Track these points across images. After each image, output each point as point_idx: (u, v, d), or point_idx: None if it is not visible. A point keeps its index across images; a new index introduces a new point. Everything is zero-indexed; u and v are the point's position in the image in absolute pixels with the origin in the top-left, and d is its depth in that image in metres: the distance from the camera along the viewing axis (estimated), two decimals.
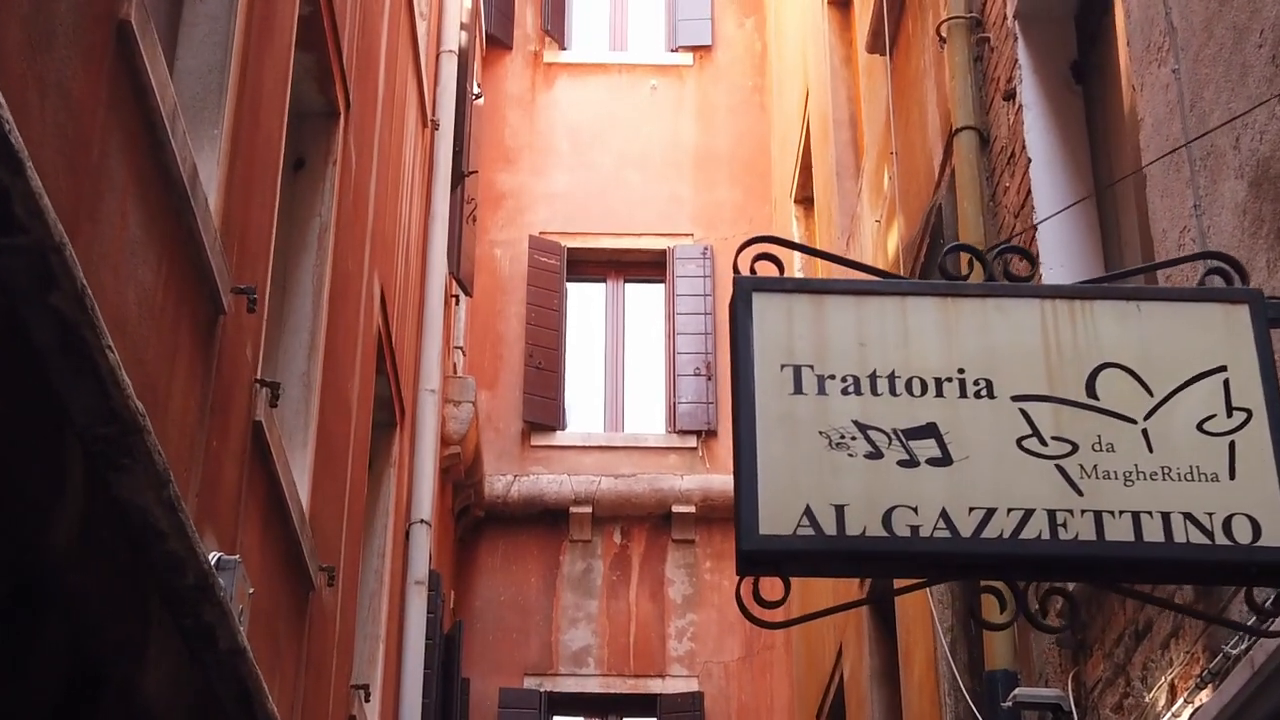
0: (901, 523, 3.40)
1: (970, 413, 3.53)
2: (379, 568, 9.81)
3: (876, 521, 3.40)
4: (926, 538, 3.40)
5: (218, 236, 5.17)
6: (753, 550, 3.36)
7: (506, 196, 16.10)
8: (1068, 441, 3.53)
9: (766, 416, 3.46)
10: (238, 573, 5.18)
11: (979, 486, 3.46)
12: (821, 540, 3.36)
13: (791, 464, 3.42)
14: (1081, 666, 5.94)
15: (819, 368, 3.54)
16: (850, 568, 3.74)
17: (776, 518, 3.36)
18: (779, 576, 3.41)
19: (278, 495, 6.32)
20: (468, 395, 13.00)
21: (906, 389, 3.54)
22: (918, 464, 3.47)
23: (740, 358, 3.50)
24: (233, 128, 5.52)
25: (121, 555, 4.18)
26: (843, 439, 3.48)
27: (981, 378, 3.57)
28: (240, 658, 4.93)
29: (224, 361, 5.41)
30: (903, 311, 3.61)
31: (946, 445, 3.49)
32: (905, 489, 3.44)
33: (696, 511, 14.83)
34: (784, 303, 3.57)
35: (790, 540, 3.36)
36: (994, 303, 3.65)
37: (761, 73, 16.76)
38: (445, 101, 11.90)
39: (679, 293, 15.68)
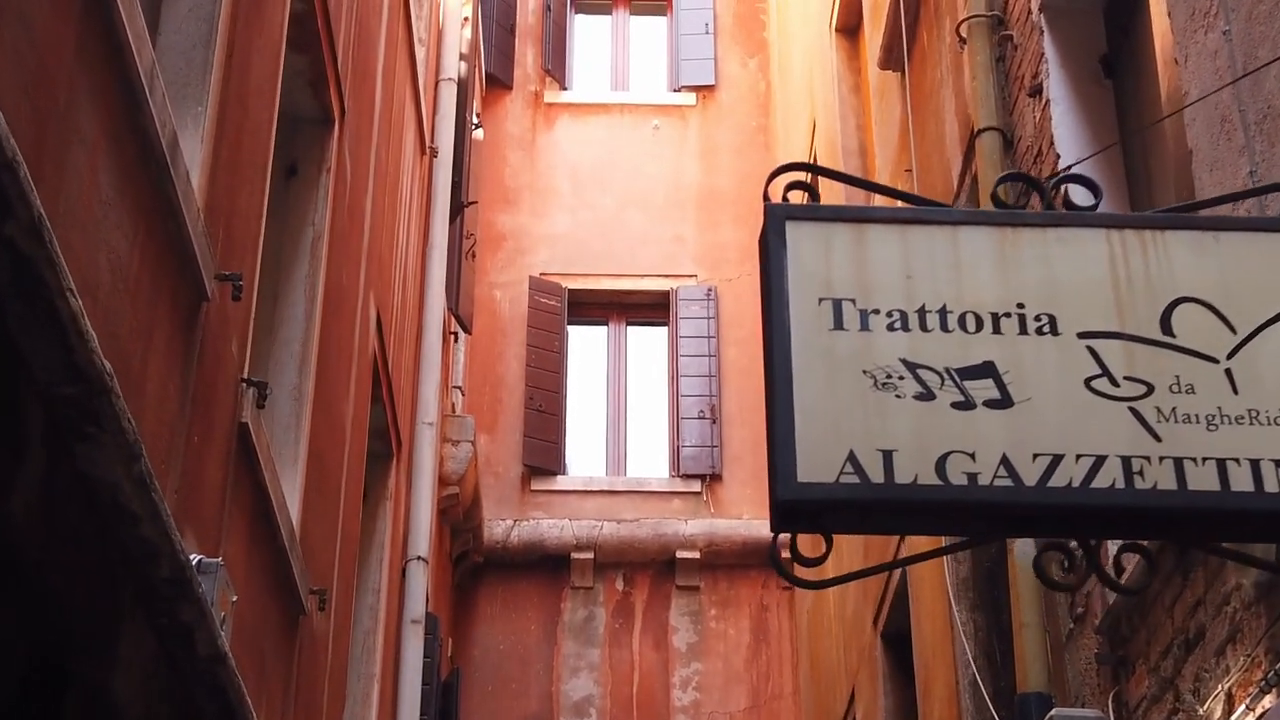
0: (957, 470, 3.05)
1: (1032, 351, 3.18)
2: (374, 604, 9.42)
3: (929, 468, 3.04)
4: (986, 486, 3.04)
5: (200, 217, 4.84)
6: (790, 500, 3.00)
7: (506, 237, 15.78)
8: (1142, 382, 3.18)
9: (804, 353, 3.11)
10: (219, 577, 4.81)
11: (1044, 431, 3.10)
12: (867, 489, 3.01)
13: (833, 406, 3.07)
14: (1123, 685, 5.56)
15: (861, 301, 3.20)
16: (899, 521, 3.36)
17: (817, 464, 3.00)
18: (819, 532, 3.05)
19: (265, 507, 5.96)
20: (466, 434, 12.63)
21: (960, 325, 3.19)
22: (974, 406, 3.11)
23: (773, 290, 3.16)
24: (218, 108, 5.20)
25: (88, 539, 3.82)
26: (889, 379, 3.13)
27: (1043, 313, 3.22)
28: (221, 665, 4.56)
29: (207, 352, 5.06)
30: (954, 242, 3.26)
31: (1006, 386, 3.14)
32: (961, 433, 3.08)
33: (701, 557, 14.43)
34: (821, 232, 3.23)
35: (832, 489, 3.00)
36: (1055, 233, 3.30)
37: (766, 112, 16.48)
38: (444, 129, 11.60)
39: (682, 334, 15.33)
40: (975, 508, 3.07)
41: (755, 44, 16.87)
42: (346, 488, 7.98)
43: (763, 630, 14.37)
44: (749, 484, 14.75)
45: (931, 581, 8.39)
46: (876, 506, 3.07)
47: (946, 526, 3.38)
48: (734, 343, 15.34)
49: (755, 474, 14.77)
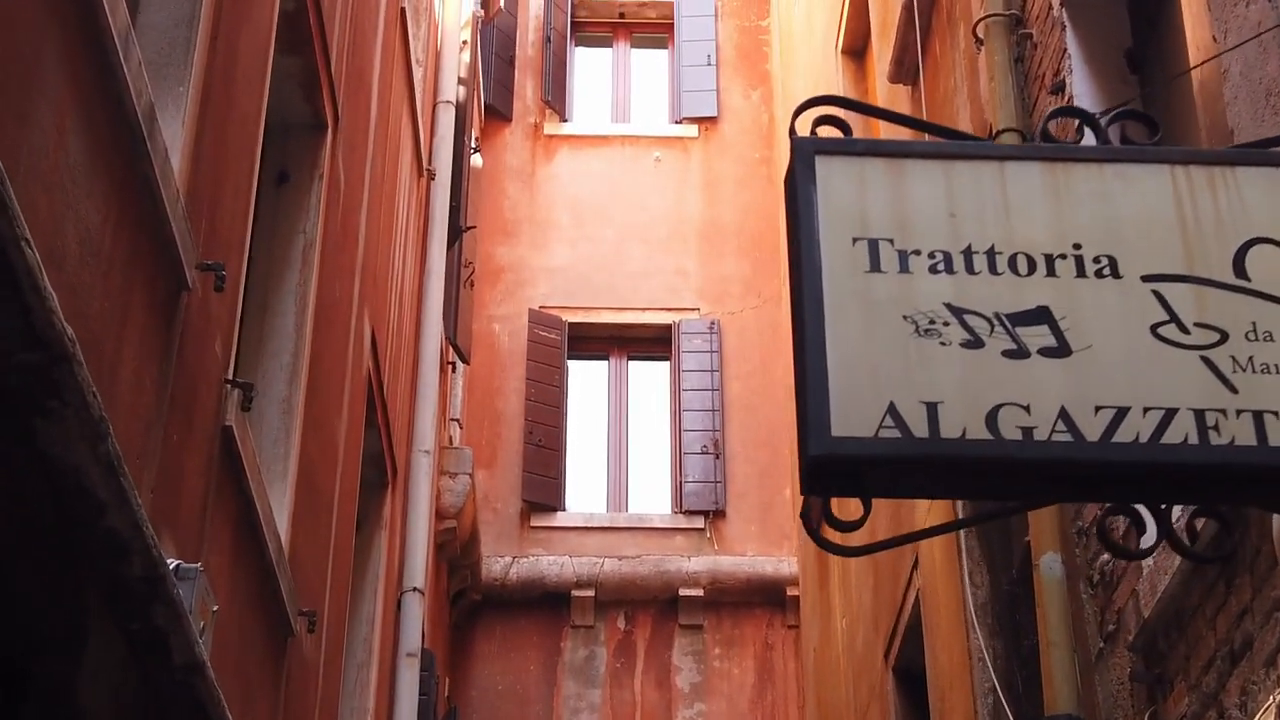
0: (1010, 424, 2.75)
1: (1091, 295, 2.88)
2: (367, 636, 9.09)
3: (979, 422, 2.74)
4: (1043, 442, 2.74)
5: (181, 200, 4.55)
6: (824, 455, 2.69)
7: (505, 270, 15.51)
8: (1214, 329, 2.88)
9: (837, 297, 2.81)
10: (199, 584, 4.50)
11: (1106, 382, 2.80)
12: (910, 444, 2.70)
13: (870, 353, 2.77)
14: (1160, 704, 5.23)
15: (900, 242, 2.90)
16: (946, 480, 3.03)
17: (853, 417, 2.70)
18: (856, 495, 2.74)
19: (251, 519, 5.65)
20: (464, 467, 12.32)
21: (1010, 267, 2.89)
22: (1028, 355, 2.81)
23: (801, 230, 2.86)
24: (202, 92, 4.92)
25: (50, 528, 3.51)
26: (933, 325, 2.83)
27: (1103, 254, 2.93)
28: (199, 676, 4.24)
29: (188, 347, 4.76)
30: (1001, 178, 2.97)
31: (1063, 333, 2.84)
32: (1014, 384, 2.78)
33: (705, 595, 14.08)
34: (854, 168, 2.93)
35: (871, 444, 2.70)
36: (1114, 169, 3.01)
37: (769, 145, 16.22)
38: (442, 152, 11.34)
39: (685, 368, 15.03)
40: (1031, 465, 2.77)
41: (758, 76, 16.64)
42: (339, 510, 7.67)
43: (768, 670, 14.01)
44: (754, 520, 14.43)
45: (948, 609, 8.07)
46: (920, 464, 2.76)
47: (998, 487, 3.04)
48: (737, 377, 15.04)
49: (760, 510, 14.46)
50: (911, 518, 8.35)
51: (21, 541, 3.39)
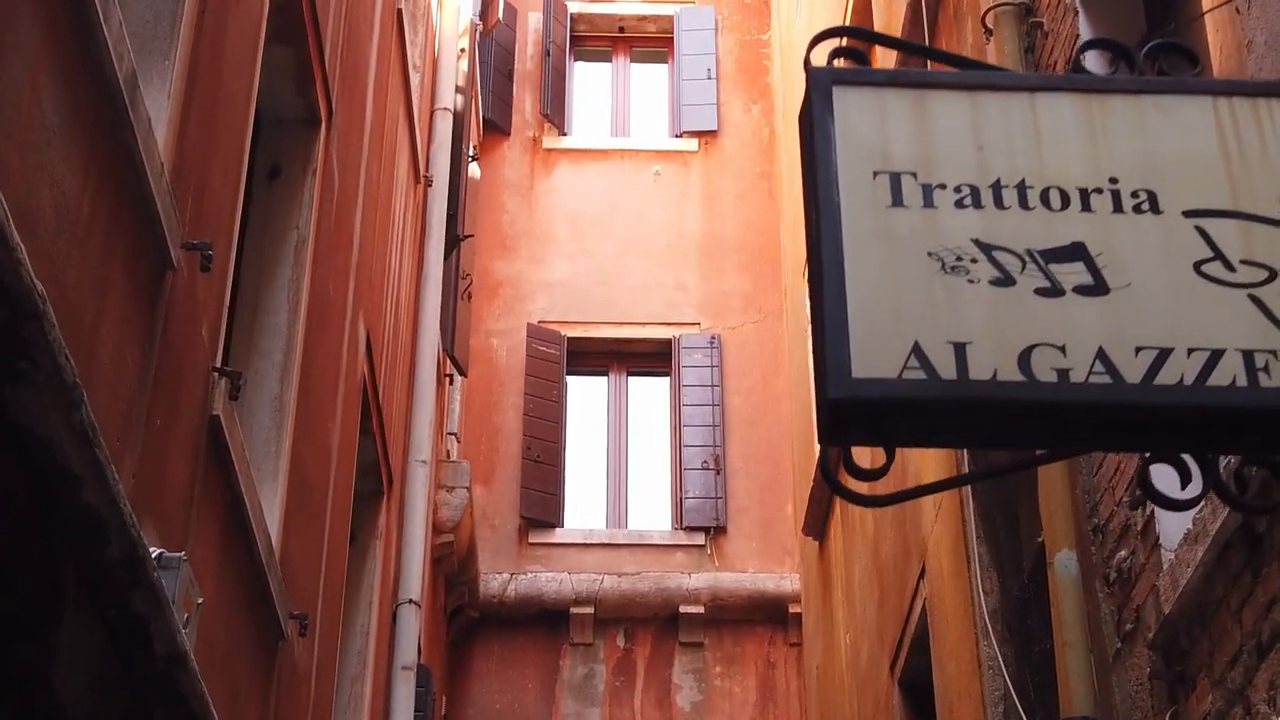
0: (1044, 365, 2.57)
1: (1129, 231, 2.70)
2: (362, 648, 8.89)
3: (1010, 363, 2.56)
4: (1080, 383, 2.56)
5: (165, 175, 4.37)
6: (844, 399, 2.51)
7: (504, 285, 15.33)
8: (1263, 267, 2.70)
9: (857, 233, 2.63)
10: (182, 573, 4.31)
11: (1147, 321, 2.62)
12: (936, 386, 2.52)
13: (893, 291, 2.59)
14: (1181, 703, 5.04)
15: (924, 175, 2.72)
16: (975, 425, 2.83)
17: (875, 358, 2.52)
18: (878, 443, 2.55)
19: (240, 515, 5.46)
20: (462, 480, 12.13)
21: (1042, 202, 2.72)
22: (1062, 292, 2.64)
23: (818, 165, 2.68)
24: (188, 66, 4.75)
25: (22, 506, 3.33)
26: (960, 261, 2.65)
27: (1141, 189, 2.75)
28: (181, 667, 4.05)
29: (172, 329, 4.58)
30: (1032, 110, 2.79)
31: (1100, 270, 2.66)
32: (1048, 323, 2.60)
33: (705, 612, 13.87)
34: (874, 99, 2.76)
35: (895, 386, 2.52)
36: (1152, 100, 2.84)
37: (770, 158, 16.07)
38: (439, 159, 11.18)
39: (685, 383, 14.85)
40: (1068, 409, 2.59)
41: (758, 89, 16.50)
42: (332, 514, 7.49)
43: (770, 688, 13.80)
44: (755, 536, 14.23)
45: (956, 617, 7.88)
46: (947, 408, 2.58)
47: (1032, 433, 2.83)
48: (738, 392, 14.86)
49: (761, 526, 14.27)
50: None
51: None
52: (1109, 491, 5.66)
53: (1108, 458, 5.66)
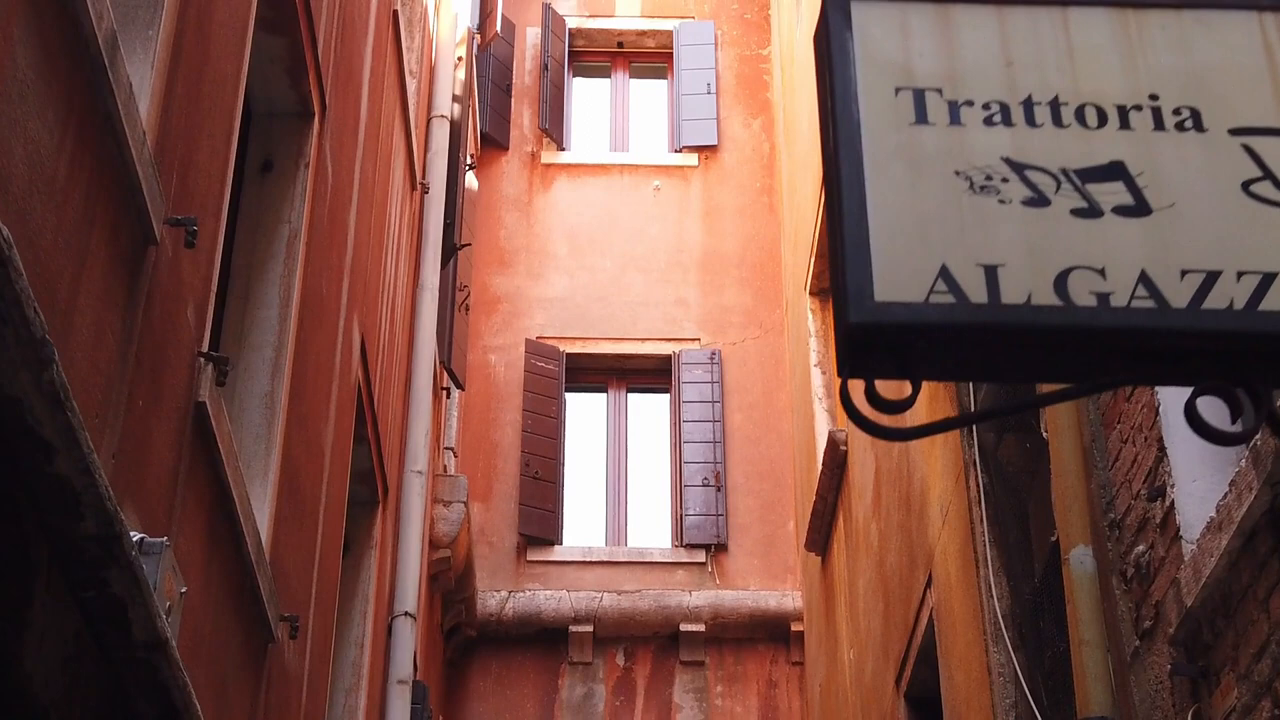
0: (1083, 288, 2.39)
1: (1172, 149, 2.53)
2: (356, 660, 8.69)
3: (1046, 286, 2.38)
4: (1121, 308, 2.38)
5: (148, 145, 4.20)
6: (866, 323, 2.33)
7: (502, 300, 15.16)
8: None
9: (878, 152, 2.45)
10: (165, 559, 4.13)
11: (1193, 243, 2.44)
12: (966, 310, 2.34)
13: (918, 213, 2.41)
14: (1204, 700, 4.85)
15: (950, 92, 2.54)
16: (1008, 352, 2.62)
17: (899, 281, 2.35)
18: (901, 374, 2.37)
19: (227, 507, 5.28)
20: (459, 495, 11.93)
21: (1077, 119, 2.54)
22: (1101, 213, 2.46)
23: (836, 81, 2.50)
24: (173, 38, 4.58)
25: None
26: (990, 181, 2.47)
27: (1184, 106, 2.57)
28: (161, 655, 3.86)
29: (155, 308, 4.41)
30: (1065, 24, 2.62)
31: (1140, 190, 2.48)
32: (1085, 245, 2.42)
33: (706, 631, 13.66)
34: (895, 13, 2.58)
35: (921, 310, 2.34)
36: (1194, 15, 2.66)
37: (770, 173, 15.92)
38: (436, 166, 11.02)
39: (685, 399, 14.66)
40: (1108, 335, 2.41)
41: (759, 104, 16.35)
42: (325, 518, 7.30)
43: (772, 708, 13.58)
44: (756, 554, 14.03)
45: (965, 624, 7.69)
46: (978, 333, 2.39)
47: (1068, 363, 2.64)
48: (739, 408, 14.68)
49: (763, 543, 14.07)
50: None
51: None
52: (1125, 485, 5.48)
53: (1124, 450, 5.48)
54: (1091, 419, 5.76)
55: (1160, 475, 5.13)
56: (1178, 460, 5.09)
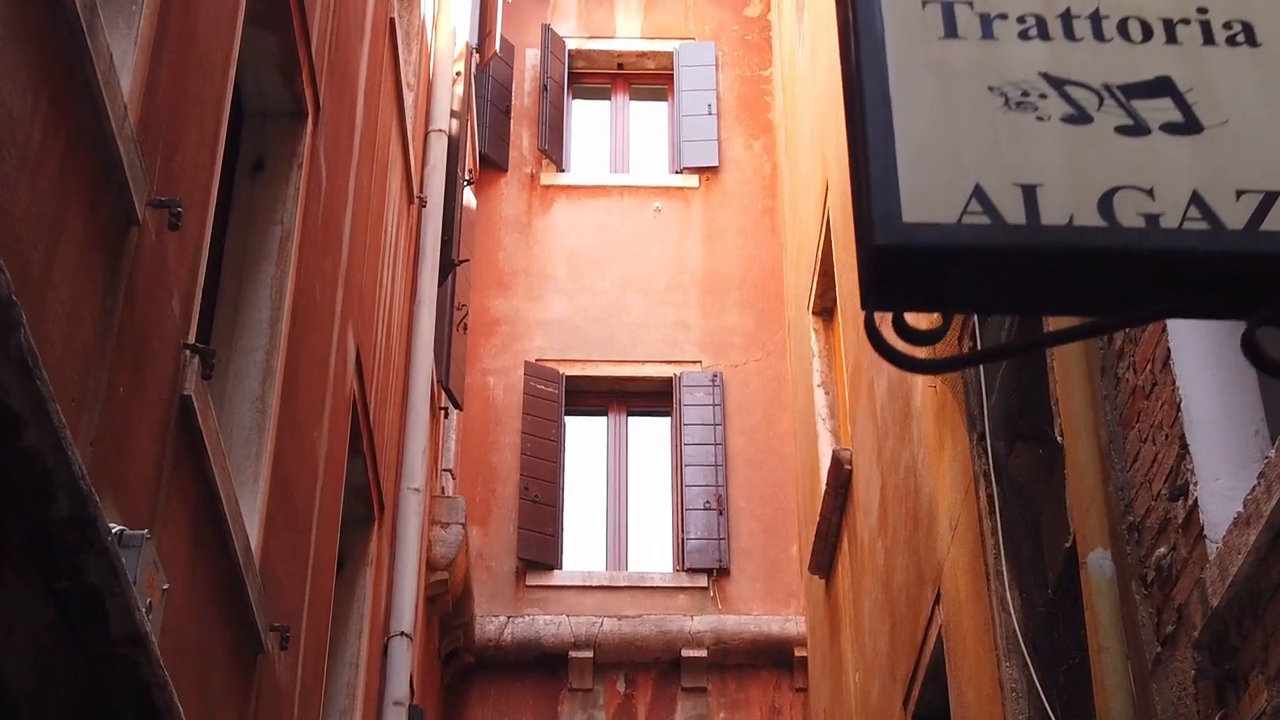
0: (1130, 209, 2.21)
1: (1223, 64, 2.35)
2: (351, 680, 8.48)
3: (1089, 206, 2.20)
4: (1172, 229, 2.20)
5: (129, 120, 4.03)
6: (893, 245, 2.14)
7: (500, 322, 14.98)
8: None
9: (905, 67, 2.26)
10: (145, 552, 3.94)
11: (1248, 162, 2.26)
12: (1002, 231, 2.16)
13: (948, 129, 2.23)
14: (1231, 705, 4.65)
15: (981, 4, 2.36)
16: (1048, 278, 2.42)
17: (929, 201, 2.16)
18: (931, 303, 2.18)
19: (215, 509, 5.09)
20: (457, 516, 11.72)
21: (1120, 33, 2.36)
22: (1147, 131, 2.28)
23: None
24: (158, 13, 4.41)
25: None
26: (1026, 97, 2.29)
27: (1235, 20, 2.40)
28: (141, 650, 3.67)
29: (138, 292, 4.22)
30: None
31: (1190, 106, 2.31)
32: (1131, 164, 2.24)
33: (708, 656, 13.43)
34: None
35: (953, 231, 2.15)
36: None
37: (772, 195, 15.77)
38: (434, 180, 10.86)
39: (687, 421, 14.47)
40: (1157, 258, 2.22)
41: (760, 126, 16.20)
42: (319, 531, 7.10)
43: None
44: (759, 578, 13.81)
45: (975, 640, 7.49)
46: (1016, 257, 2.20)
47: (1113, 289, 2.44)
48: (741, 431, 14.48)
49: (766, 567, 13.86)
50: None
51: None
52: (1145, 486, 5.29)
53: (1143, 449, 5.29)
54: (1109, 419, 5.58)
55: (1182, 474, 4.94)
56: (1200, 457, 4.90)
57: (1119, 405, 5.53)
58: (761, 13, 16.82)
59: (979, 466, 7.45)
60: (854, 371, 11.00)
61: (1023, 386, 6.82)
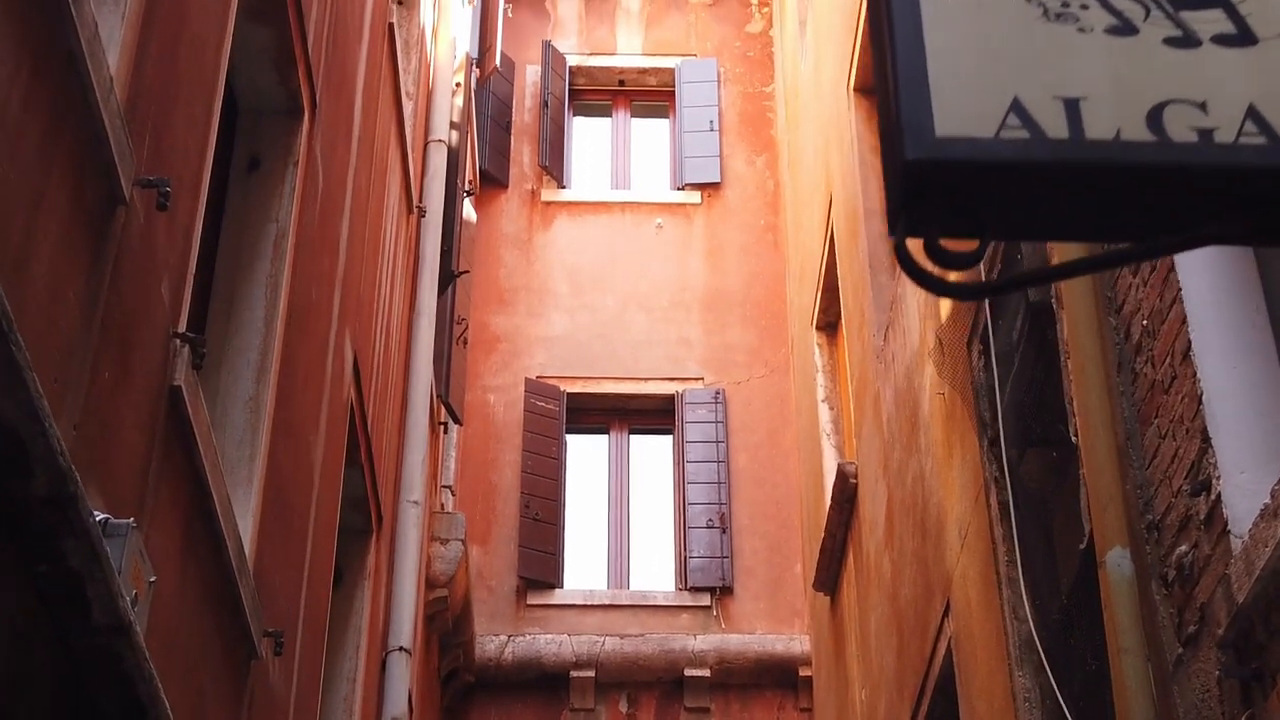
0: (1181, 123, 2.05)
1: None
2: (348, 695, 8.30)
3: (1137, 121, 2.04)
4: (1228, 144, 2.05)
5: (115, 94, 3.88)
6: (925, 160, 1.98)
7: (501, 339, 14.83)
8: None
9: None
10: (131, 542, 3.78)
11: None
12: (1045, 146, 2.00)
13: (983, 40, 2.07)
14: (1259, 705, 4.49)
15: None
16: (1093, 198, 2.26)
17: (964, 114, 2.01)
18: (965, 226, 2.02)
19: (206, 507, 4.93)
20: (456, 533, 11.55)
21: None
22: (1198, 43, 2.12)
23: None
24: None
25: None
26: (1067, 7, 2.14)
27: None
28: (125, 641, 3.51)
29: (125, 273, 4.07)
30: None
31: (1244, 18, 2.15)
32: (1182, 77, 2.09)
33: (712, 676, 13.24)
34: None
35: (992, 146, 2.00)
36: None
37: (775, 211, 15.63)
38: (433, 191, 10.72)
39: (689, 439, 14.30)
40: (1212, 174, 2.06)
41: (763, 142, 16.07)
42: (315, 539, 6.94)
43: None
44: (763, 597, 13.64)
45: (986, 650, 7.32)
46: (1059, 173, 2.04)
47: (1160, 211, 2.27)
48: (744, 448, 14.32)
49: (770, 586, 13.68)
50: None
51: None
52: (1165, 483, 5.14)
53: (1162, 446, 5.14)
54: (1126, 415, 5.43)
55: (1204, 468, 4.79)
56: (1224, 451, 4.75)
57: (1136, 401, 5.38)
58: (763, 29, 16.71)
59: (989, 472, 7.29)
60: (859, 385, 10.85)
61: (1035, 388, 6.67)
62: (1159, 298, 5.14)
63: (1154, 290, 5.18)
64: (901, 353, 9.32)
